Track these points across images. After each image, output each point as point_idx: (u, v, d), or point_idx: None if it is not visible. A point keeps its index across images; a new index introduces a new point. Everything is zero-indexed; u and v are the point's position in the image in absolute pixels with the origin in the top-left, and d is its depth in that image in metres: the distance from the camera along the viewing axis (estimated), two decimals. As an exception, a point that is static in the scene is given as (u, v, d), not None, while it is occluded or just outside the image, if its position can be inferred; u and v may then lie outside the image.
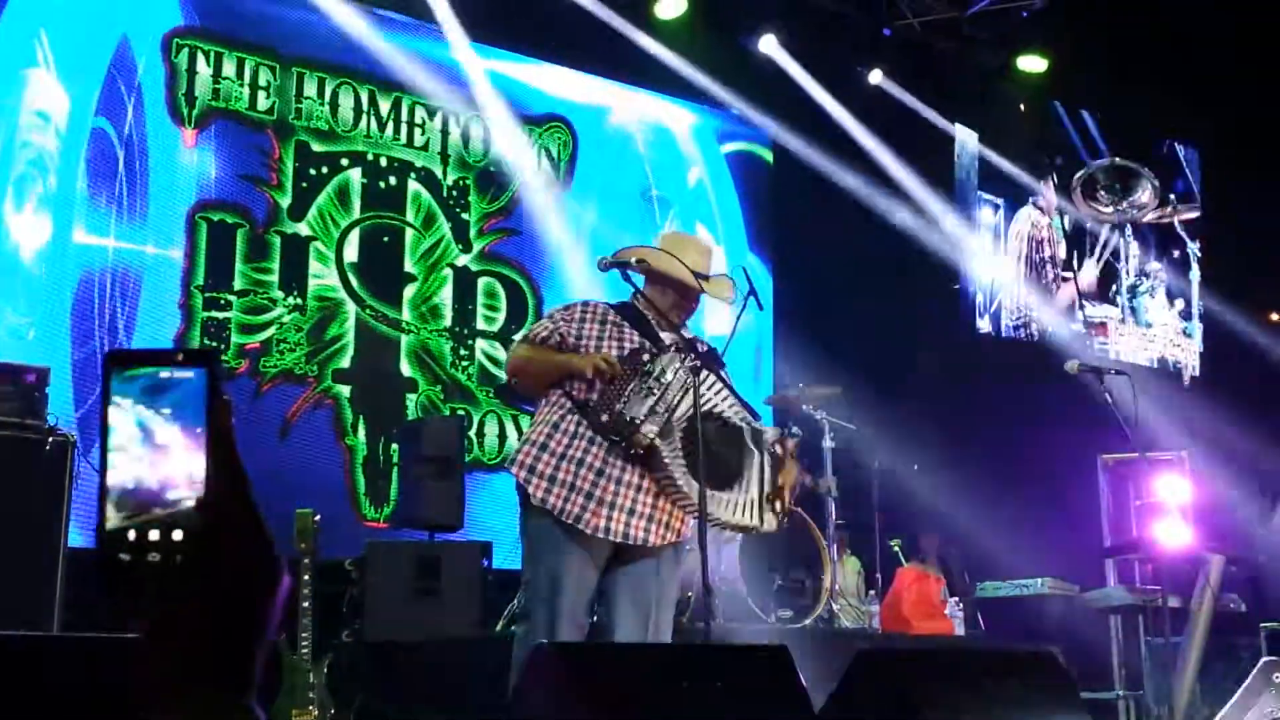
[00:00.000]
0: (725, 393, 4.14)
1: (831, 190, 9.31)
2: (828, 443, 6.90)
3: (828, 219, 9.20)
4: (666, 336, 4.20)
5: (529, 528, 4.01)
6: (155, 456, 0.90)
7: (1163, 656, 7.03)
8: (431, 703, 5.53)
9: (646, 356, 4.01)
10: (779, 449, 4.14)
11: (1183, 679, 6.66)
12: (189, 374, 0.91)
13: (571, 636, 3.82)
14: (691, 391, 3.95)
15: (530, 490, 3.94)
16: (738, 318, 5.46)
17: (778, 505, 4.14)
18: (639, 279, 4.37)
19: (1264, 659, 5.25)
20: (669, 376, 3.93)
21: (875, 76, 9.69)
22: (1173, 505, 7.49)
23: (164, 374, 0.91)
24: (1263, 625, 7.59)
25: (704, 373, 4.02)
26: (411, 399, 7.93)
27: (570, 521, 3.90)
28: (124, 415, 0.90)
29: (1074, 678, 3.55)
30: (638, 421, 3.87)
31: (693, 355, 4.06)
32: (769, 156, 9.74)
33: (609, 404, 3.92)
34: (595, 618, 4.13)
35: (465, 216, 8.39)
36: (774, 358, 9.18)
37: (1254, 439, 8.65)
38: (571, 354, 4.06)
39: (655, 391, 3.90)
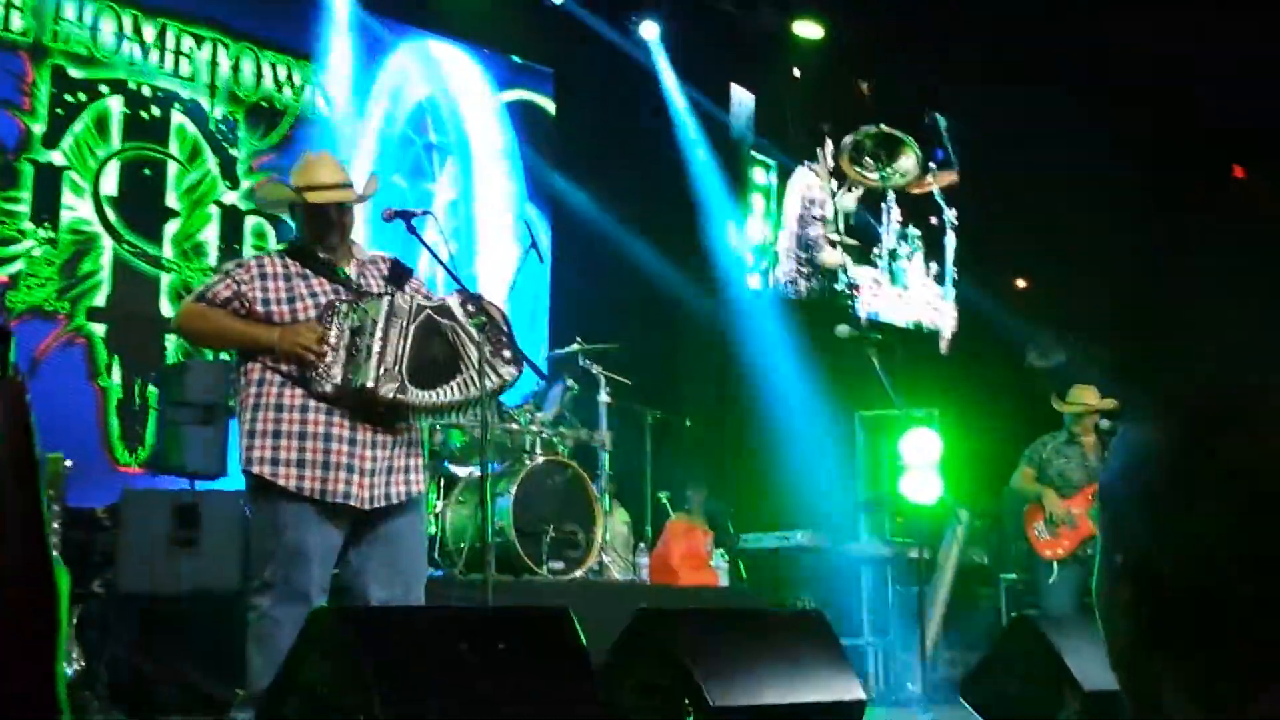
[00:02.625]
0: (421, 294, 4.09)
1: (611, 143, 9.33)
2: (603, 396, 6.95)
3: (608, 171, 9.22)
4: (350, 269, 4.06)
5: (265, 508, 3.87)
6: None
7: (910, 605, 7.39)
8: (189, 658, 5.35)
9: (345, 308, 3.90)
10: (470, 307, 4.07)
11: (928, 627, 7.01)
12: None
13: (318, 604, 3.72)
14: (408, 323, 3.89)
15: (281, 482, 3.79)
16: (517, 270, 5.44)
17: (503, 356, 4.06)
18: (421, 224, 4.28)
19: None
20: (379, 330, 3.84)
21: (648, 30, 9.68)
22: (924, 461, 7.85)
23: None
24: (1002, 576, 8.07)
25: (403, 294, 3.98)
26: (172, 340, 7.60)
27: (318, 497, 3.80)
28: None
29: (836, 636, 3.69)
30: (371, 386, 3.79)
31: (381, 283, 4.03)
32: (550, 107, 9.67)
33: (326, 373, 3.82)
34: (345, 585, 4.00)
35: (234, 152, 8.05)
36: (550, 310, 9.17)
37: (1002, 399, 9.14)
38: (261, 326, 3.89)
39: (374, 348, 3.82)
